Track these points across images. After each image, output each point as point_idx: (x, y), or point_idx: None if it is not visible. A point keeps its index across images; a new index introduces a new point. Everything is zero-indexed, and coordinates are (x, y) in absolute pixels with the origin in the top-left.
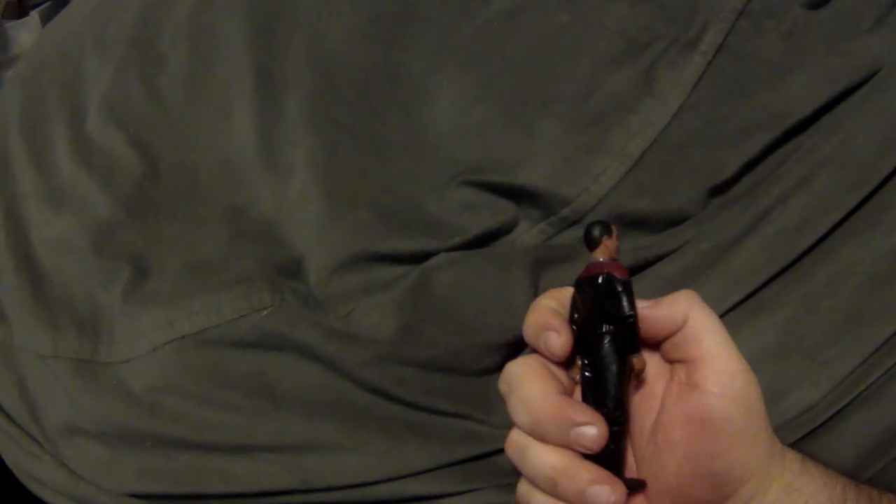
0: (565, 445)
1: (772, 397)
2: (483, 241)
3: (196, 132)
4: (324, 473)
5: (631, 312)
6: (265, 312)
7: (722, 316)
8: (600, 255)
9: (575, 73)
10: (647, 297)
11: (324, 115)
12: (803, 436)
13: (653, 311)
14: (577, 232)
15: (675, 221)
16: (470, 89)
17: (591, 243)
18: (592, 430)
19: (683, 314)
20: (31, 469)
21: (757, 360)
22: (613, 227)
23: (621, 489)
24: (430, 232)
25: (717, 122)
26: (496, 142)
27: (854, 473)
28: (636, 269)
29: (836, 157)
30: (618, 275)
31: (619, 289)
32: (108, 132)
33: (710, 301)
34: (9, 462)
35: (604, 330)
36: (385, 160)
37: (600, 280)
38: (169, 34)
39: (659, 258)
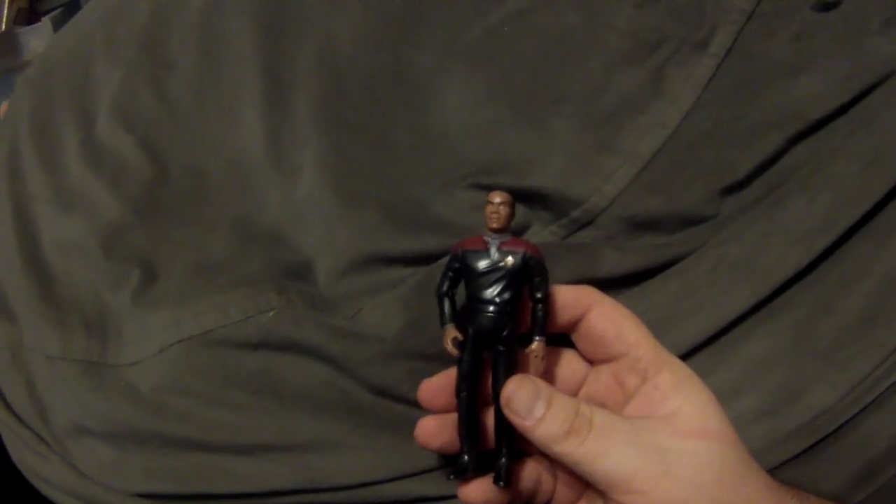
0: None
1: (786, 399)
2: None
3: (205, 134)
4: (330, 472)
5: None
6: (271, 314)
7: (740, 319)
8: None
9: (585, 73)
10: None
11: (332, 115)
12: (816, 442)
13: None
14: (588, 234)
15: (688, 222)
16: (479, 89)
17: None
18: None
19: (588, 300)
20: (38, 468)
21: (770, 361)
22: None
23: None
24: (440, 232)
25: (728, 122)
26: (505, 141)
27: (863, 481)
28: (656, 269)
29: (863, 156)
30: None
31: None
32: (117, 135)
33: (739, 306)
34: (16, 461)
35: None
36: (394, 160)
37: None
38: (178, 36)
39: (677, 258)
